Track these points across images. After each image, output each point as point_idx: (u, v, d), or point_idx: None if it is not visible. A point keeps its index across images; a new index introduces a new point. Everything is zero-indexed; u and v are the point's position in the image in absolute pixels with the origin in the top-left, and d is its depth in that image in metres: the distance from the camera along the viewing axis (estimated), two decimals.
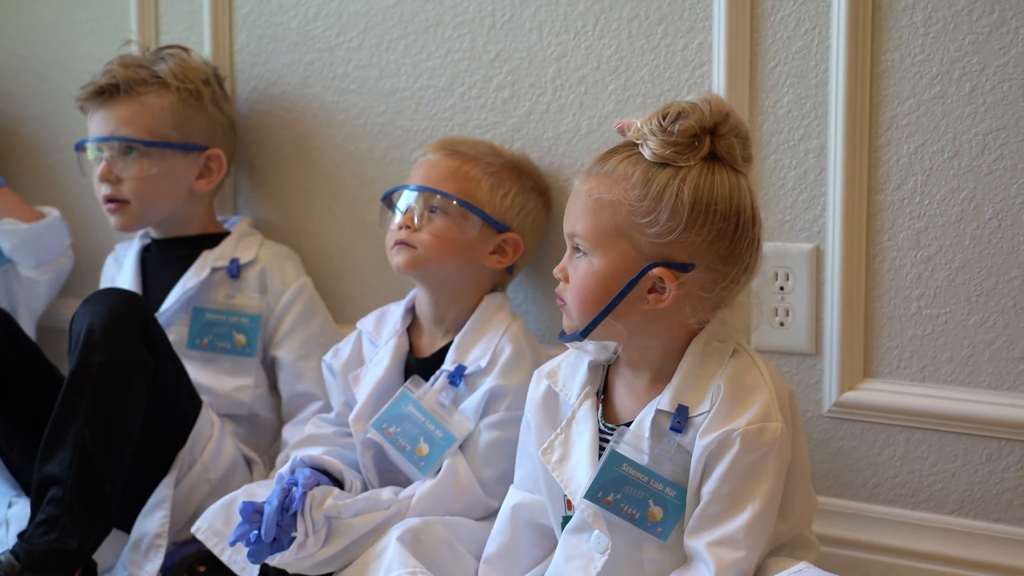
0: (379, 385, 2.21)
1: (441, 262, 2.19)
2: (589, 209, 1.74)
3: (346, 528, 2.01)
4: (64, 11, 2.85)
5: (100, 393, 2.11)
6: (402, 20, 2.46)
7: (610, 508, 1.75)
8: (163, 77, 2.45)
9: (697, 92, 2.16)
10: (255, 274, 2.47)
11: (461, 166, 2.21)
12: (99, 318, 2.13)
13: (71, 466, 2.08)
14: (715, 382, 1.74)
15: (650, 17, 2.22)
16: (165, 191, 2.46)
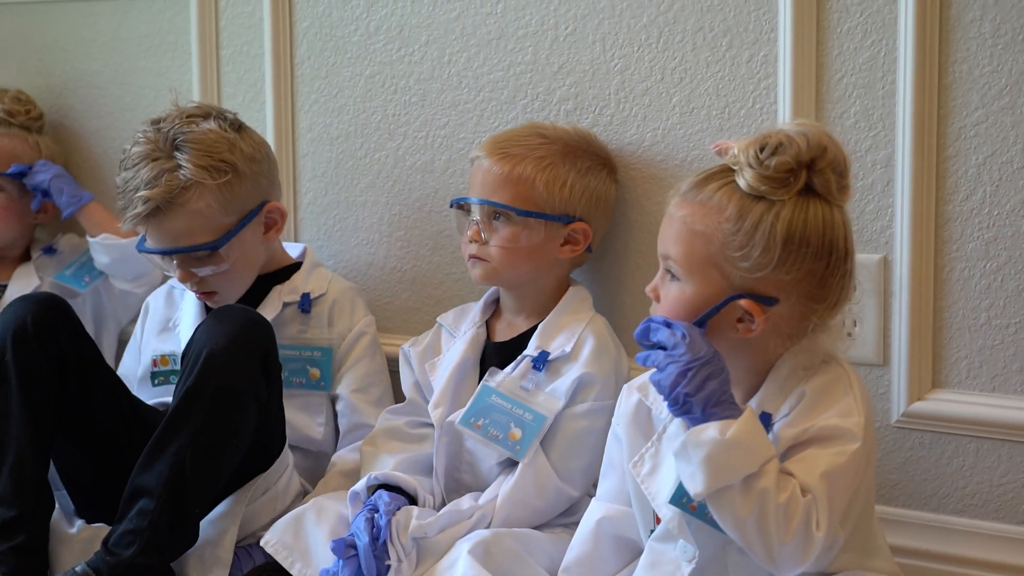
0: (456, 370, 2.26)
1: (514, 268, 2.22)
2: (683, 236, 1.75)
3: (434, 546, 2.05)
4: (124, 26, 2.87)
5: (210, 416, 2.11)
6: (464, 33, 2.48)
7: (695, 514, 1.77)
8: (195, 178, 2.29)
9: (762, 108, 2.18)
10: (325, 309, 2.45)
11: (513, 169, 2.22)
12: (224, 340, 2.11)
13: (166, 483, 2.08)
14: (799, 389, 1.75)
15: (715, 29, 2.23)
16: (244, 266, 2.39)
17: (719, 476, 1.62)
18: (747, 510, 1.62)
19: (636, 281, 2.34)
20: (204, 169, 2.30)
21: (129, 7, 2.86)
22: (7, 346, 2.21)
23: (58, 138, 2.98)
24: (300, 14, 2.65)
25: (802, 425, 1.71)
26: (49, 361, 2.21)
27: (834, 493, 1.66)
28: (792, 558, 1.65)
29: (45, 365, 2.20)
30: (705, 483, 1.63)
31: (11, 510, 2.18)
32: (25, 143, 2.84)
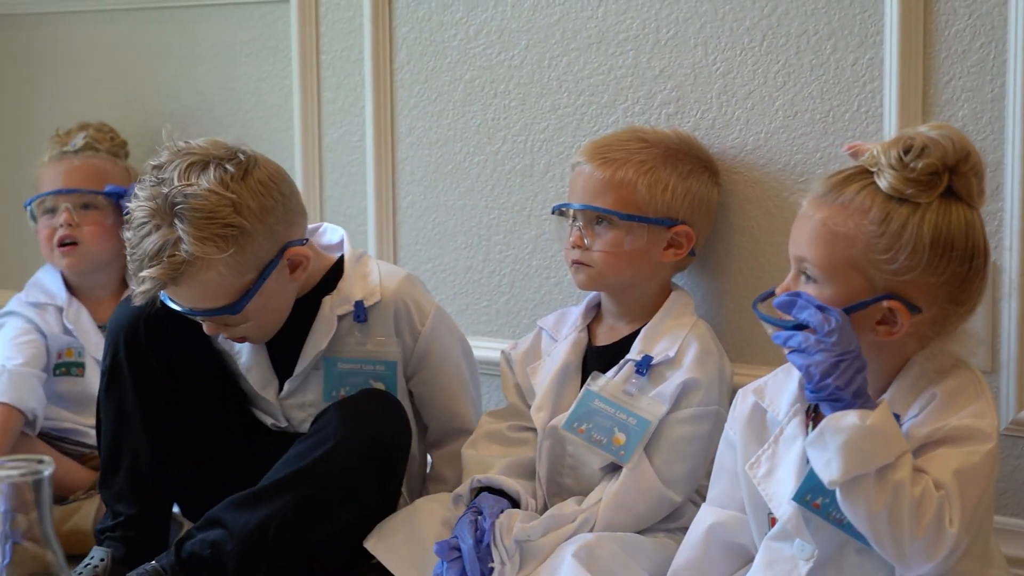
0: (558, 374, 2.25)
1: (617, 273, 2.22)
2: (822, 237, 1.74)
3: (537, 549, 2.05)
4: (225, 32, 2.91)
5: (311, 501, 2.11)
6: (564, 37, 2.48)
7: (818, 512, 1.76)
8: (198, 254, 2.07)
9: (868, 112, 2.16)
10: (387, 315, 2.29)
11: (615, 174, 2.21)
12: (352, 440, 2.12)
13: (246, 537, 2.10)
14: (930, 391, 1.74)
15: (819, 32, 2.22)
16: (273, 312, 2.22)
17: (855, 463, 1.61)
18: (880, 502, 1.61)
19: (738, 286, 2.32)
20: (207, 241, 2.07)
21: (231, 13, 2.89)
22: (121, 349, 2.23)
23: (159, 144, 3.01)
24: (400, 19, 2.67)
25: (934, 425, 1.70)
26: (159, 361, 2.24)
27: (966, 492, 1.65)
28: (921, 554, 1.63)
29: (156, 366, 2.23)
30: (841, 470, 1.62)
31: (130, 508, 2.24)
32: (115, 165, 2.88)
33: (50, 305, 2.81)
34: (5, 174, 3.26)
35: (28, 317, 2.79)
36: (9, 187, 3.22)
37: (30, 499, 1.35)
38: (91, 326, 2.80)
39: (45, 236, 2.81)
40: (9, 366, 2.66)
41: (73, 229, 2.78)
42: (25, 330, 2.76)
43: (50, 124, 2.95)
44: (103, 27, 3.08)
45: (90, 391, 2.74)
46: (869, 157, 1.74)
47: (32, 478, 1.34)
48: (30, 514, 1.35)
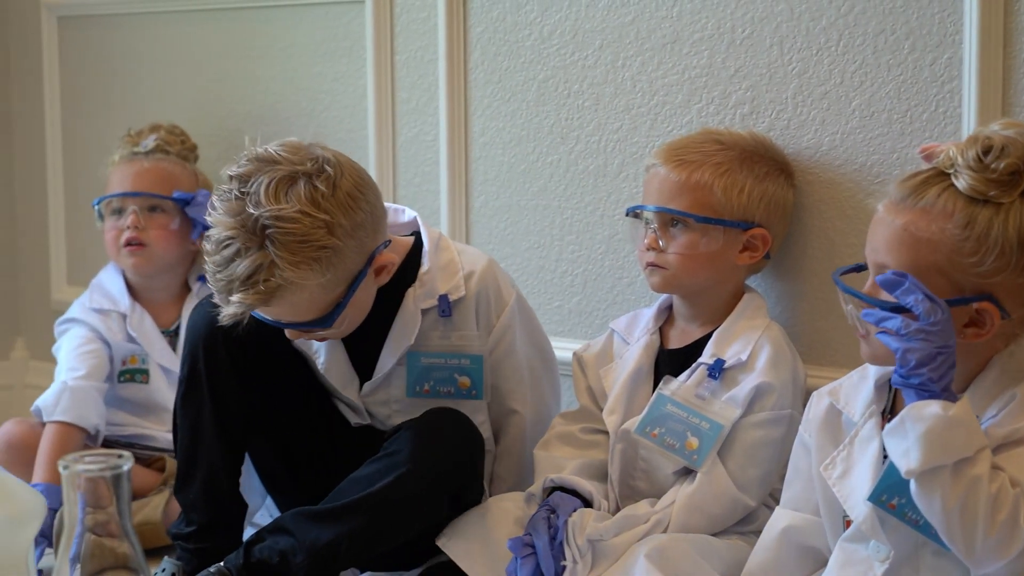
0: (630, 377, 2.24)
1: (693, 276, 2.21)
2: (904, 243, 1.72)
3: (610, 549, 2.05)
4: (300, 32, 2.92)
5: (379, 523, 2.11)
6: (639, 37, 2.47)
7: (894, 512, 1.74)
8: (295, 279, 2.02)
9: (946, 112, 2.14)
10: (470, 308, 2.27)
11: (690, 176, 2.20)
12: (423, 467, 2.12)
13: (315, 552, 2.10)
14: (1009, 392, 1.72)
15: (897, 31, 2.19)
16: (359, 314, 2.18)
17: (935, 454, 1.60)
18: (955, 496, 1.60)
19: (813, 287, 2.31)
20: (302, 265, 2.02)
21: (305, 13, 2.91)
22: (200, 358, 2.22)
23: (235, 143, 3.04)
24: (474, 19, 2.67)
25: (1013, 425, 1.68)
26: (237, 371, 2.22)
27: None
28: (993, 552, 1.61)
29: (234, 376, 2.22)
30: (920, 459, 1.61)
31: (204, 517, 2.24)
32: (184, 169, 2.88)
33: (113, 312, 2.82)
34: (79, 172, 3.30)
35: (91, 325, 2.80)
36: (83, 185, 3.26)
37: (108, 493, 1.36)
38: (154, 332, 2.82)
39: (111, 236, 2.82)
40: (70, 382, 2.68)
41: (140, 232, 2.79)
42: (88, 339, 2.78)
43: (124, 123, 2.97)
44: (178, 28, 3.11)
45: (155, 397, 2.78)
46: (945, 159, 1.72)
47: (111, 472, 1.35)
48: (108, 508, 1.36)
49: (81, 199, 3.30)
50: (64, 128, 3.35)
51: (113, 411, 2.78)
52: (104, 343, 2.79)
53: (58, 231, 3.38)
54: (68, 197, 3.35)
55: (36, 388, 2.81)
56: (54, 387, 2.68)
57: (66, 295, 3.23)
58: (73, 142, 3.33)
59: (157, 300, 2.88)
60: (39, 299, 3.42)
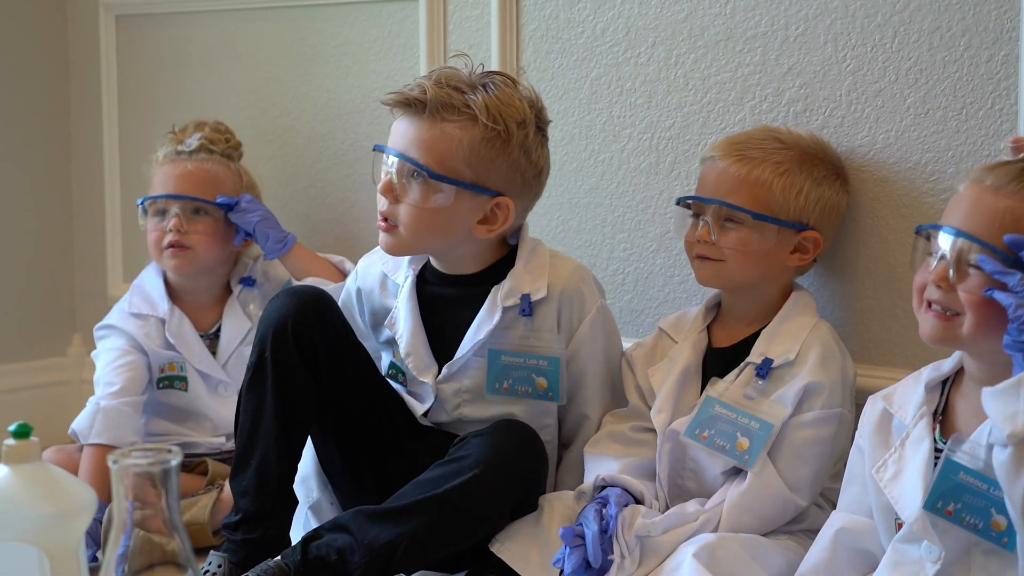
0: (679, 376, 2.23)
1: (743, 272, 2.20)
2: (1005, 225, 1.73)
3: (657, 546, 2.05)
4: (354, 30, 2.93)
5: (441, 528, 2.11)
6: (691, 34, 2.46)
7: (951, 519, 1.74)
8: (474, 109, 2.19)
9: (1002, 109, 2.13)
10: (553, 308, 2.28)
11: (750, 172, 2.19)
12: (498, 473, 2.13)
13: (374, 551, 2.11)
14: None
15: (953, 28, 2.17)
16: (440, 227, 2.25)
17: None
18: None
19: (865, 286, 2.29)
20: (487, 110, 2.19)
21: (359, 11, 2.92)
22: (268, 346, 2.23)
23: (289, 140, 3.05)
24: (527, 16, 2.67)
25: None
26: (304, 364, 2.23)
27: None
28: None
29: (301, 369, 2.23)
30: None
31: (253, 505, 2.24)
32: (228, 169, 2.85)
33: (152, 317, 2.81)
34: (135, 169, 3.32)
35: (129, 333, 2.79)
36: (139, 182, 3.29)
37: (156, 488, 1.36)
38: (193, 337, 2.81)
39: (154, 238, 2.80)
40: (103, 403, 2.68)
41: (182, 235, 2.77)
42: (124, 351, 2.77)
43: (179, 121, 2.97)
44: (232, 26, 3.13)
45: (194, 404, 2.78)
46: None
47: (160, 467, 1.36)
48: (156, 503, 1.37)
49: (136, 197, 3.31)
50: (120, 126, 3.37)
51: (153, 419, 2.79)
52: (141, 352, 2.78)
53: (114, 228, 3.40)
54: (124, 194, 3.37)
55: (91, 384, 2.82)
56: (88, 409, 2.69)
57: (121, 292, 3.23)
58: (129, 140, 3.36)
59: (198, 302, 2.87)
60: (95, 296, 3.44)
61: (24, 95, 3.39)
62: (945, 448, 1.79)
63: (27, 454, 1.58)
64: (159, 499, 1.37)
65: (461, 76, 2.25)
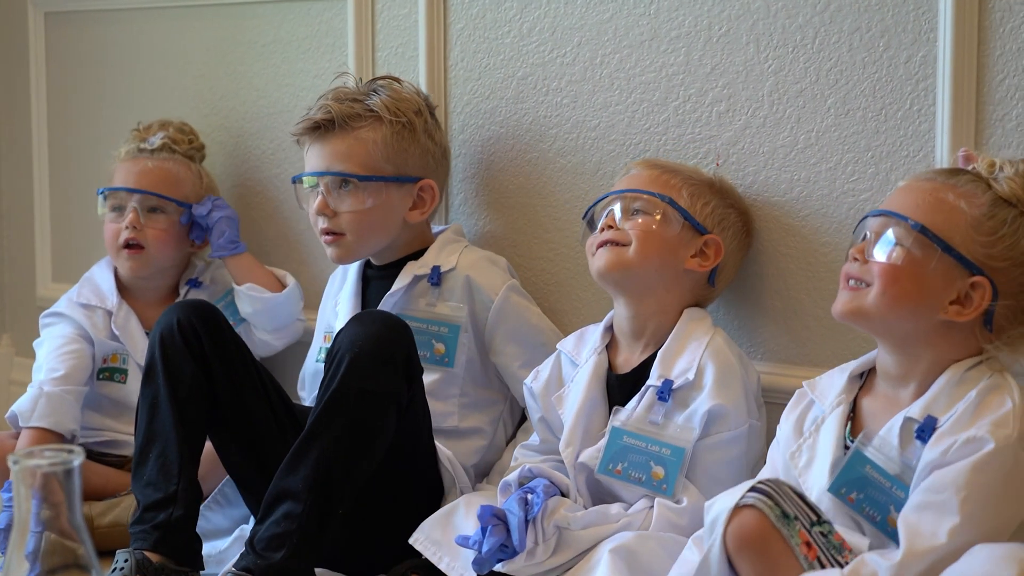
0: (583, 406, 2.20)
1: (644, 259, 2.17)
2: (931, 204, 1.80)
3: (574, 540, 2.03)
4: (283, 29, 2.92)
5: (354, 420, 2.12)
6: (616, 34, 2.46)
7: (853, 506, 1.76)
8: (376, 111, 2.42)
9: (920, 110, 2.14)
10: (460, 284, 2.43)
11: (662, 175, 2.23)
12: (367, 344, 2.13)
13: (311, 486, 2.10)
14: (966, 397, 1.75)
15: (872, 30, 2.18)
16: (380, 223, 2.45)
17: None
18: None
19: (788, 285, 2.29)
20: (388, 110, 2.42)
21: (289, 10, 2.90)
22: (156, 348, 2.29)
23: (217, 139, 3.03)
24: (454, 15, 2.66)
25: (952, 436, 1.72)
26: (194, 361, 2.27)
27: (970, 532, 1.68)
28: None
29: (190, 364, 2.27)
30: None
31: (156, 492, 2.24)
32: (189, 170, 2.86)
33: (99, 308, 2.81)
34: (66, 169, 3.29)
35: (76, 321, 2.79)
36: (69, 181, 3.26)
37: (60, 489, 1.34)
38: (139, 331, 2.81)
39: (111, 233, 2.81)
40: (47, 388, 2.67)
41: (138, 232, 2.77)
42: (70, 339, 2.77)
43: (111, 120, 2.97)
44: (163, 24, 3.11)
45: (131, 398, 2.75)
46: (987, 165, 1.82)
47: (62, 468, 1.34)
48: (60, 504, 1.35)
49: (67, 196, 3.29)
50: (50, 124, 3.34)
51: (88, 413, 2.77)
52: (87, 341, 2.78)
53: (43, 228, 3.37)
54: (54, 194, 3.34)
55: (20, 384, 2.81)
56: (30, 392, 2.68)
57: (51, 291, 3.23)
58: (59, 139, 3.33)
59: (146, 300, 2.87)
60: (24, 295, 3.41)
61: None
62: (856, 441, 1.81)
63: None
64: (63, 499, 1.35)
65: (352, 90, 2.49)
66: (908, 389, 1.83)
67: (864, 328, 1.88)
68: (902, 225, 1.79)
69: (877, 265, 1.80)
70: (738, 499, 1.68)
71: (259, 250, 2.94)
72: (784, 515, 1.67)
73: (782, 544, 1.66)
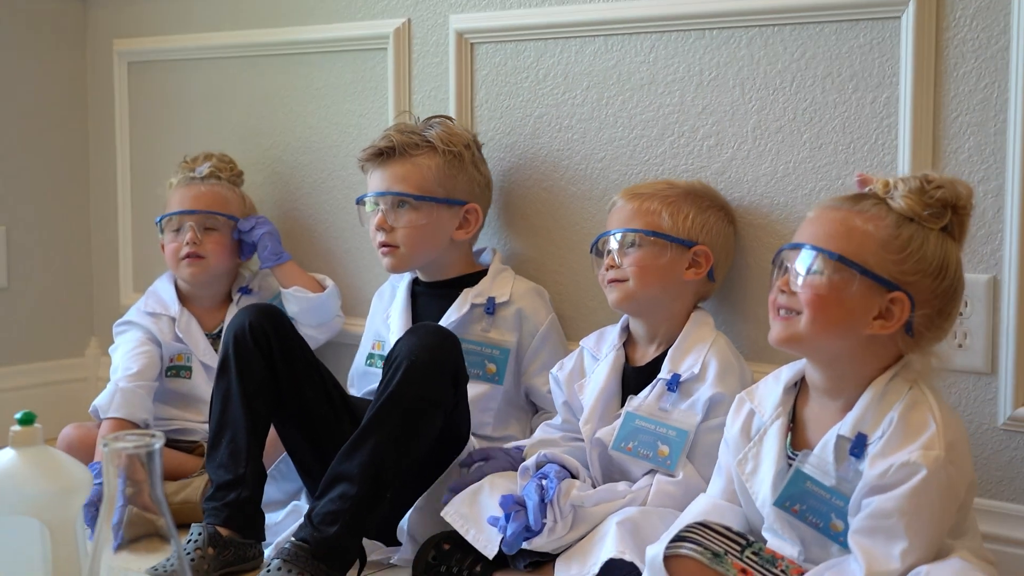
0: (602, 392, 2.20)
1: (644, 287, 2.16)
2: (839, 232, 1.71)
3: (589, 516, 2.02)
4: (332, 75, 2.90)
5: (406, 420, 2.09)
6: (620, 79, 2.43)
7: (798, 516, 1.73)
8: (432, 142, 2.44)
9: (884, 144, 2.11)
10: (511, 313, 2.43)
11: (641, 204, 2.19)
12: (422, 355, 2.10)
13: (365, 472, 2.07)
14: (890, 415, 1.68)
15: (842, 74, 2.16)
16: (430, 239, 2.45)
17: None
18: None
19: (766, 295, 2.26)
20: (442, 141, 2.43)
21: (337, 59, 2.88)
22: (229, 346, 2.27)
23: (275, 169, 3.01)
24: (479, 63, 2.64)
25: (887, 459, 1.65)
26: (263, 359, 2.26)
27: (919, 551, 1.64)
28: None
29: (259, 362, 2.25)
30: None
31: (227, 474, 2.23)
32: (234, 192, 2.86)
33: (164, 315, 2.80)
34: (144, 195, 3.28)
35: (145, 327, 2.79)
36: (147, 206, 3.24)
37: (142, 469, 1.32)
38: (199, 334, 2.79)
39: (171, 250, 2.80)
40: (121, 383, 2.66)
41: (197, 246, 2.76)
42: (141, 342, 2.76)
43: (182, 153, 2.95)
44: (228, 71, 3.09)
45: (196, 392, 2.76)
46: (882, 185, 1.73)
47: (144, 450, 1.32)
48: (142, 482, 1.33)
49: (146, 219, 3.27)
50: (132, 158, 3.32)
51: (159, 406, 2.76)
52: (155, 344, 2.77)
53: (126, 246, 3.35)
54: (134, 217, 3.33)
55: (105, 381, 2.78)
56: (108, 389, 2.67)
57: (132, 300, 3.19)
58: (139, 170, 3.31)
59: (203, 307, 2.85)
60: (109, 304, 3.39)
61: (48, 132, 3.34)
62: (796, 460, 1.75)
63: (31, 438, 1.54)
64: (145, 478, 1.32)
65: (411, 124, 2.52)
66: (837, 403, 1.75)
67: (798, 352, 1.79)
68: (820, 256, 1.70)
69: (803, 295, 1.71)
70: (667, 544, 1.67)
71: (310, 264, 2.92)
72: (715, 555, 1.65)
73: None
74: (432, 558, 2.11)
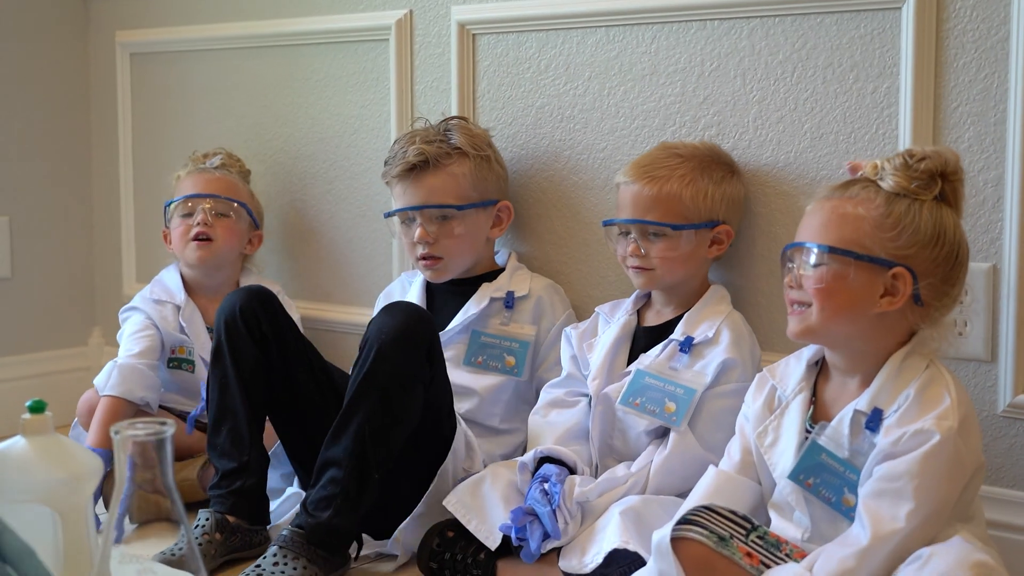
0: (611, 348, 2.23)
1: (672, 274, 2.19)
2: (832, 222, 1.74)
3: (594, 508, 2.04)
4: (334, 66, 2.89)
5: (384, 398, 2.10)
6: (622, 69, 2.44)
7: (811, 490, 1.74)
8: (462, 148, 2.42)
9: (885, 134, 2.11)
10: (531, 307, 2.43)
11: (660, 189, 2.17)
12: (393, 332, 2.10)
13: (351, 455, 2.08)
14: (906, 391, 1.71)
15: (843, 64, 2.16)
16: (471, 244, 2.45)
17: None
18: None
19: (770, 285, 2.27)
20: (469, 144, 2.41)
21: (339, 50, 2.88)
22: (221, 332, 2.26)
23: (277, 159, 3.01)
24: (481, 54, 2.64)
25: (900, 429, 1.68)
26: (255, 344, 2.25)
27: (927, 520, 1.66)
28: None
29: (251, 348, 2.25)
30: None
31: (231, 462, 2.23)
32: (245, 186, 2.87)
33: (169, 303, 2.79)
34: (146, 187, 3.28)
35: (148, 313, 2.77)
36: (149, 197, 3.24)
37: (153, 455, 1.33)
38: (202, 327, 2.77)
39: (180, 232, 2.77)
40: (120, 361, 2.65)
41: (208, 228, 2.75)
42: (144, 325, 2.75)
43: (184, 145, 2.95)
44: (230, 62, 3.09)
45: (200, 385, 2.74)
46: (871, 168, 1.76)
47: (155, 437, 1.32)
48: (153, 468, 1.33)
49: (148, 209, 3.27)
50: (134, 149, 3.32)
51: (166, 393, 2.76)
52: (158, 329, 2.76)
53: (128, 237, 3.35)
54: (137, 207, 3.32)
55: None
56: (107, 366, 2.67)
57: (134, 290, 3.19)
58: (141, 161, 3.31)
59: (209, 297, 2.83)
60: (112, 294, 3.39)
61: (51, 123, 3.34)
62: (812, 433, 1.78)
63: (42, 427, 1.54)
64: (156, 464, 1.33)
65: (433, 132, 2.46)
66: (855, 380, 1.79)
67: (816, 342, 1.84)
68: (815, 250, 1.75)
69: (810, 288, 1.76)
70: (673, 527, 1.68)
71: (313, 254, 2.92)
72: (720, 538, 1.67)
73: (727, 563, 1.66)
74: (436, 545, 2.11)
